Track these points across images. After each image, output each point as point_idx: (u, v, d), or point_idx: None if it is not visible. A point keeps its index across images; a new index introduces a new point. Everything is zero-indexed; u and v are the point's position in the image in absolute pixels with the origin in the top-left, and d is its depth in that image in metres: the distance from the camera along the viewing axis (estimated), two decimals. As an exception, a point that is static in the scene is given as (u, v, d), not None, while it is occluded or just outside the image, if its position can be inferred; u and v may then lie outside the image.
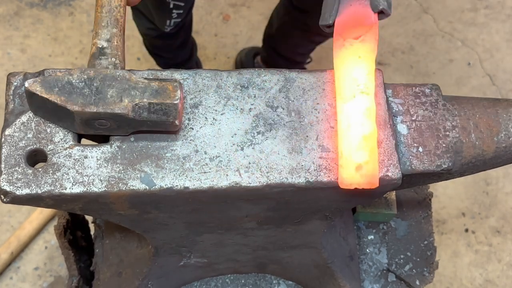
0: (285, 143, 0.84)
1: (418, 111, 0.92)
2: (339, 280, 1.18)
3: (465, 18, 2.54)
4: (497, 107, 0.96)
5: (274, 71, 0.89)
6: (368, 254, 1.33)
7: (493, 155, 0.95)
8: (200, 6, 2.45)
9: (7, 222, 2.00)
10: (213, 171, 0.81)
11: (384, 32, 2.44)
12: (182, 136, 0.83)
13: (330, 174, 0.83)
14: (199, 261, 1.12)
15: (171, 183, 0.80)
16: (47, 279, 1.93)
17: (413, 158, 0.88)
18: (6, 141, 0.79)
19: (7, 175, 0.78)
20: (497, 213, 2.16)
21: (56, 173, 0.78)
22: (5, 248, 1.90)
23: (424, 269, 1.32)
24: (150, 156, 0.81)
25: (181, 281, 1.22)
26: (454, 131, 0.92)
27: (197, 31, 2.38)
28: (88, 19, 2.40)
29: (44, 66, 2.30)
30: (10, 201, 0.78)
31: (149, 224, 0.92)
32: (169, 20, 1.69)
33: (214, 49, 2.33)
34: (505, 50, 2.49)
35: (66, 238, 1.27)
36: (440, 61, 2.43)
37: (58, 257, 1.95)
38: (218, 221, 0.94)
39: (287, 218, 0.96)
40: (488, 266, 2.07)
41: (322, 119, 0.86)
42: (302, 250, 1.11)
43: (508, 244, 2.12)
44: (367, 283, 1.30)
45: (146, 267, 1.10)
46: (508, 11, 2.58)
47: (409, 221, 1.36)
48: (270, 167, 0.82)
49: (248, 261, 1.17)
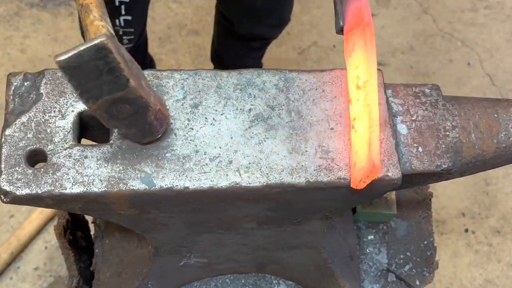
0: (285, 143, 0.84)
1: (418, 111, 0.92)
2: (339, 280, 1.18)
3: (465, 18, 2.54)
4: (497, 107, 0.96)
5: (274, 71, 0.89)
6: (368, 254, 1.33)
7: (493, 155, 0.95)
8: (200, 6, 2.45)
9: (7, 222, 2.00)
10: (213, 171, 0.81)
11: (384, 32, 2.44)
12: (182, 136, 0.83)
13: (330, 174, 0.83)
14: (199, 261, 1.12)
15: (171, 183, 0.80)
16: (47, 279, 1.93)
17: (413, 158, 0.88)
18: (6, 141, 0.80)
19: (7, 175, 0.78)
20: (497, 213, 2.16)
21: (56, 173, 0.78)
22: (5, 248, 1.90)
23: (424, 269, 1.32)
24: (150, 156, 0.81)
25: (181, 281, 1.22)
26: (454, 131, 0.92)
27: (197, 31, 2.38)
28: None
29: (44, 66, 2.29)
30: (10, 201, 0.78)
31: (149, 224, 0.92)
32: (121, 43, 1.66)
33: (214, 49, 2.33)
34: (505, 50, 2.49)
35: (66, 238, 1.27)
36: (440, 61, 2.43)
37: (58, 257, 1.95)
38: (218, 221, 0.94)
39: (287, 218, 0.96)
40: (488, 266, 2.07)
41: (322, 119, 0.86)
42: (302, 250, 1.11)
43: (508, 244, 2.12)
44: (367, 283, 1.30)
45: (146, 267, 1.10)
46: (508, 11, 2.58)
47: (409, 221, 1.36)
48: (270, 167, 0.82)
49: (248, 261, 1.17)
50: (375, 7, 2.49)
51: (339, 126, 0.86)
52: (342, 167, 0.83)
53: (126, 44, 1.66)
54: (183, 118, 0.84)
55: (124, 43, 1.65)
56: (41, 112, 0.82)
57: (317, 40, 2.40)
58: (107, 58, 0.68)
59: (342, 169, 0.83)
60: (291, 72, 0.89)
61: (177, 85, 0.86)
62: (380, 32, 2.43)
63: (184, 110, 0.85)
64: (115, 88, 0.71)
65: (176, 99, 0.85)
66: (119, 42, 1.88)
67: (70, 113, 0.83)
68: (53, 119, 0.82)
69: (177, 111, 0.84)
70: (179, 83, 0.86)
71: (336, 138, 0.85)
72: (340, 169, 0.83)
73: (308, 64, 2.35)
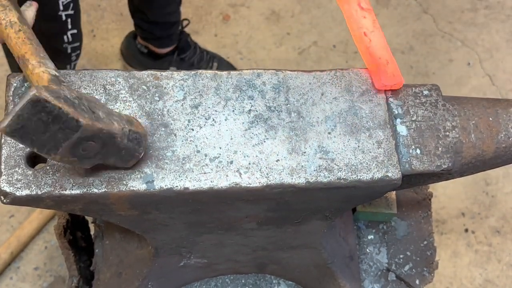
0: (284, 144, 0.84)
1: (418, 111, 0.92)
2: (339, 280, 1.18)
3: (465, 18, 2.54)
4: (497, 107, 0.96)
5: (274, 71, 0.89)
6: (368, 254, 1.33)
7: (493, 155, 0.95)
8: (200, 6, 2.45)
9: (7, 222, 2.00)
10: (213, 171, 0.81)
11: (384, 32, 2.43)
12: (182, 137, 0.83)
13: (330, 174, 0.83)
14: (199, 261, 1.12)
15: (171, 183, 0.80)
16: (47, 279, 1.93)
17: (413, 159, 0.88)
18: (6, 142, 0.80)
19: (7, 176, 0.78)
20: (497, 213, 2.16)
21: (56, 174, 0.78)
22: (5, 248, 1.90)
23: (424, 269, 1.32)
24: (150, 157, 0.81)
25: (181, 281, 1.22)
26: (454, 131, 0.92)
27: (197, 31, 2.38)
28: (87, 19, 2.40)
29: (44, 66, 2.29)
30: (10, 202, 0.78)
31: (149, 225, 0.92)
32: (69, 65, 1.64)
33: (214, 49, 2.33)
34: (505, 50, 2.49)
35: (66, 238, 1.27)
36: (440, 61, 2.42)
37: (58, 257, 1.95)
38: (218, 222, 0.94)
39: (287, 219, 0.96)
40: (488, 266, 2.07)
41: (322, 120, 0.86)
42: (302, 251, 1.11)
43: (508, 244, 2.12)
44: (367, 283, 1.30)
45: (146, 267, 1.10)
46: (508, 11, 2.58)
47: (409, 221, 1.36)
48: (270, 168, 0.82)
49: (248, 261, 1.17)
50: (375, 7, 2.49)
51: (339, 126, 0.86)
52: (342, 167, 0.83)
53: (74, 61, 1.65)
54: (183, 119, 0.84)
55: (72, 60, 1.64)
56: (41, 113, 0.82)
57: (317, 40, 2.40)
58: (46, 108, 0.66)
59: (342, 169, 0.83)
60: (291, 72, 0.89)
61: (177, 85, 0.86)
62: (380, 32, 2.43)
63: (184, 110, 0.85)
64: (69, 133, 0.68)
65: (176, 100, 0.85)
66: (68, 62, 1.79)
67: (70, 114, 0.82)
68: (53, 119, 0.82)
69: (177, 111, 0.84)
70: (179, 84, 0.86)
71: (336, 138, 0.85)
72: (340, 169, 0.83)
73: (308, 64, 2.34)
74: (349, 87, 0.89)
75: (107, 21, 2.38)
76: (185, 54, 2.17)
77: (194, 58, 2.19)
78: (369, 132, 0.86)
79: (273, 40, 2.38)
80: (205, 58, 2.22)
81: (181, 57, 2.16)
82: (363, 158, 0.84)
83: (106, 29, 2.36)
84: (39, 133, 0.68)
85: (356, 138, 0.86)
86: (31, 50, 0.77)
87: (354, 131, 0.86)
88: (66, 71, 0.85)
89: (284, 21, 2.42)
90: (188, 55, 2.17)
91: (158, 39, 2.09)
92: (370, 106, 0.88)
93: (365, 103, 0.88)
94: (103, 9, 2.41)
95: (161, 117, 0.84)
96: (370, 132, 0.86)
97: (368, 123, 0.87)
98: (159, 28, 2.04)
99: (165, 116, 0.84)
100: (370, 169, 0.84)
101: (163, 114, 0.84)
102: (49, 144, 0.69)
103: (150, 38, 2.10)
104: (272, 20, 2.43)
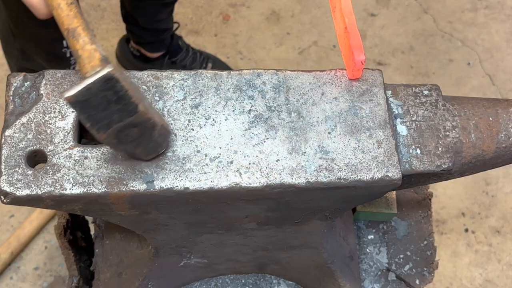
0: (285, 144, 0.84)
1: (418, 111, 0.92)
2: (339, 280, 1.18)
3: (465, 18, 2.54)
4: (497, 107, 0.96)
5: (274, 71, 0.89)
6: (368, 254, 1.33)
7: (493, 155, 0.95)
8: (200, 6, 2.45)
9: (7, 222, 2.00)
10: (213, 171, 0.81)
11: (384, 32, 2.43)
12: (182, 137, 0.83)
13: (330, 174, 0.83)
14: (199, 261, 1.12)
15: (171, 183, 0.80)
16: (47, 279, 1.93)
17: (413, 159, 0.88)
18: (6, 142, 0.80)
19: (7, 176, 0.78)
20: (497, 213, 2.16)
21: (56, 174, 0.78)
22: (5, 248, 1.90)
23: (424, 269, 1.32)
24: (150, 157, 0.81)
25: (181, 281, 1.22)
26: (454, 131, 0.92)
27: (197, 31, 2.38)
28: (87, 19, 2.40)
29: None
30: (10, 202, 0.78)
31: (149, 225, 0.92)
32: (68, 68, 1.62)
33: (214, 49, 2.33)
34: (505, 50, 2.49)
35: (66, 238, 1.27)
36: (440, 61, 2.43)
37: (58, 257, 1.95)
38: (218, 222, 0.94)
39: (287, 219, 0.96)
40: (488, 266, 2.07)
41: (322, 119, 0.86)
42: (302, 251, 1.11)
43: (508, 244, 2.12)
44: (367, 283, 1.30)
45: (146, 267, 1.10)
46: (508, 11, 2.58)
47: (409, 221, 1.36)
48: (270, 168, 0.82)
49: (248, 261, 1.17)
50: (375, 7, 2.49)
51: (339, 126, 0.86)
52: (342, 167, 0.83)
53: (73, 65, 1.65)
54: (183, 119, 0.84)
55: (72, 64, 1.64)
56: (41, 113, 0.82)
57: (317, 40, 2.40)
58: (116, 87, 0.69)
59: (342, 169, 0.83)
60: (291, 72, 0.89)
61: (177, 85, 0.86)
62: (380, 32, 2.43)
63: (184, 110, 0.85)
64: (125, 115, 0.71)
65: (176, 100, 0.85)
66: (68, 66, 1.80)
67: (70, 114, 0.83)
68: (53, 119, 0.82)
69: (177, 111, 0.84)
70: (179, 84, 0.86)
71: (336, 138, 0.85)
72: (340, 169, 0.83)
73: (308, 64, 2.34)
74: (349, 87, 0.89)
75: (107, 21, 2.38)
76: (176, 57, 2.17)
77: (186, 60, 2.19)
78: (369, 132, 0.86)
79: (273, 40, 2.38)
80: (198, 60, 2.21)
81: (172, 60, 2.16)
82: (363, 158, 0.84)
83: (106, 29, 2.36)
84: (99, 109, 0.70)
85: (356, 138, 0.86)
86: (84, 25, 0.77)
87: (354, 131, 0.86)
88: (67, 71, 0.85)
89: (284, 21, 2.42)
90: (179, 58, 2.17)
91: (149, 44, 2.10)
92: (370, 106, 0.88)
93: (365, 103, 0.88)
94: (103, 9, 2.41)
95: (161, 117, 0.84)
96: (370, 132, 0.86)
97: (368, 123, 0.87)
98: (150, 34, 2.05)
99: (165, 116, 0.84)
100: (370, 169, 0.84)
101: (163, 114, 0.84)
102: (103, 122, 0.71)
103: (142, 42, 2.11)
104: (272, 20, 2.43)
